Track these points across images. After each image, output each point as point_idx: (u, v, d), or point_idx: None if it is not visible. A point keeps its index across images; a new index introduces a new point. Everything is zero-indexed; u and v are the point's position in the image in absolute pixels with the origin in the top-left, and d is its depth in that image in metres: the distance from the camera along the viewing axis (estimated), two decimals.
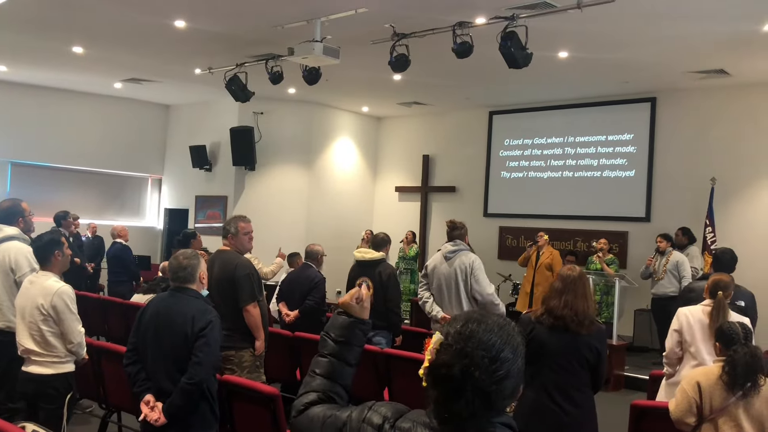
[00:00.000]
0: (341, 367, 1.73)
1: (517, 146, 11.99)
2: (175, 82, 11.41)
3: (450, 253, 5.48)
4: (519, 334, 1.43)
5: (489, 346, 1.35)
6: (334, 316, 1.82)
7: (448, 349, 1.35)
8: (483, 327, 1.38)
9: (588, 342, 3.52)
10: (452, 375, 1.33)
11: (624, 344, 8.38)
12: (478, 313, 1.44)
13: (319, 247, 6.82)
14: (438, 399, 1.37)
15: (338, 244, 11.20)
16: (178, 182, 13.70)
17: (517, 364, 1.38)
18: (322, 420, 1.58)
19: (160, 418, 3.26)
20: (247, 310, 4.56)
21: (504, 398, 1.35)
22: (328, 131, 12.95)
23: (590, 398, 3.62)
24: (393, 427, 1.43)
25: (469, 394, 1.31)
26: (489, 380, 1.32)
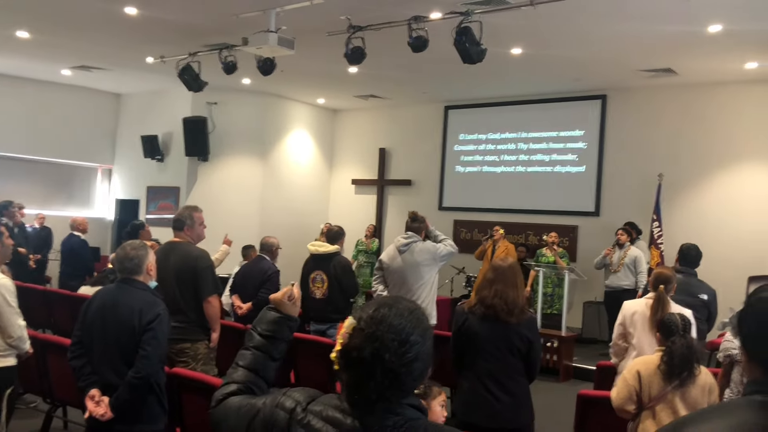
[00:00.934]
0: (265, 360, 1.76)
1: (471, 141, 12.11)
2: (126, 71, 11.16)
3: (403, 245, 5.52)
4: (428, 320, 1.48)
5: (399, 329, 1.39)
6: (264, 312, 1.85)
7: (359, 333, 1.40)
8: (394, 311, 1.42)
9: (518, 331, 3.59)
10: (363, 358, 1.37)
11: (573, 336, 8.56)
12: (390, 299, 1.48)
13: (274, 240, 6.78)
14: (349, 382, 1.41)
15: (293, 237, 11.16)
16: (130, 172, 13.42)
17: (425, 347, 1.42)
18: (237, 409, 1.60)
19: (106, 413, 3.20)
20: (209, 301, 4.54)
21: (413, 379, 1.40)
22: (284, 123, 12.85)
23: (524, 386, 3.68)
24: (305, 410, 1.46)
25: (378, 375, 1.36)
26: (398, 362, 1.36)
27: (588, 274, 9.30)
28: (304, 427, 1.44)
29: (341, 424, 1.40)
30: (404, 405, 1.42)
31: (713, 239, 9.48)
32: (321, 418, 1.43)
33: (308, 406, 1.47)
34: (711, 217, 9.62)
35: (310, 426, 1.43)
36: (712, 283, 5.60)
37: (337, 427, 1.41)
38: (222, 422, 1.63)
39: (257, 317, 1.86)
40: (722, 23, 7.08)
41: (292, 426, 1.46)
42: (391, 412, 1.39)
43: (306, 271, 6.09)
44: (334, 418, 1.42)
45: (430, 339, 1.44)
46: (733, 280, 7.85)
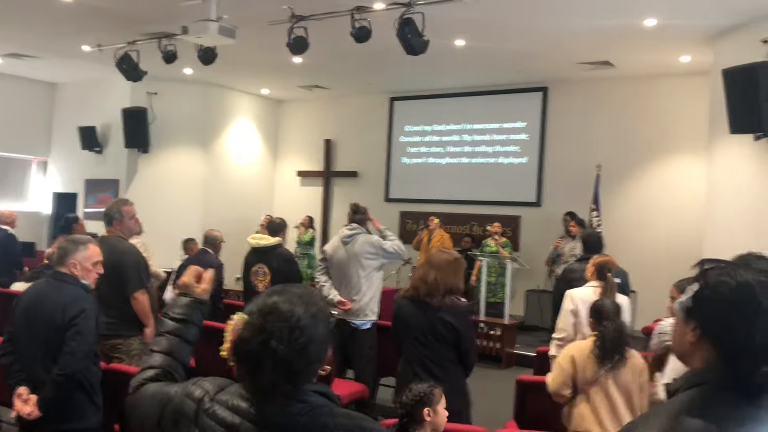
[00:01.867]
0: (180, 344, 1.76)
1: (417, 132, 12.18)
2: (62, 59, 10.80)
3: (347, 237, 5.51)
4: (321, 301, 1.50)
5: (288, 316, 1.39)
6: (176, 298, 1.85)
7: (248, 327, 1.41)
8: (282, 298, 1.43)
9: (441, 316, 3.59)
10: (251, 350, 1.38)
11: (515, 323, 8.73)
12: (280, 286, 1.49)
13: (218, 233, 6.70)
14: (243, 375, 1.42)
15: (238, 229, 10.99)
16: (67, 165, 13.00)
17: (318, 329, 1.42)
18: (152, 396, 1.60)
19: (32, 411, 3.11)
20: (135, 297, 4.43)
21: (308, 363, 1.40)
22: (227, 113, 12.66)
23: (453, 374, 3.66)
24: (212, 400, 1.47)
25: (269, 364, 1.36)
26: (289, 349, 1.37)
27: (530, 263, 9.49)
28: (210, 416, 1.44)
29: (245, 413, 1.41)
30: (309, 392, 1.42)
31: (650, 227, 9.84)
32: (227, 408, 1.43)
33: (216, 396, 1.47)
34: (648, 205, 9.94)
35: (216, 415, 1.43)
36: (645, 268, 5.78)
37: (241, 416, 1.41)
38: (137, 409, 1.62)
39: (168, 305, 1.86)
40: (657, 17, 7.29)
41: (199, 415, 1.46)
42: (295, 399, 1.40)
43: (248, 265, 6.01)
44: (238, 407, 1.42)
45: (323, 321, 1.44)
46: (670, 265, 8.12)
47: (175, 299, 1.84)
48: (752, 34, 7.07)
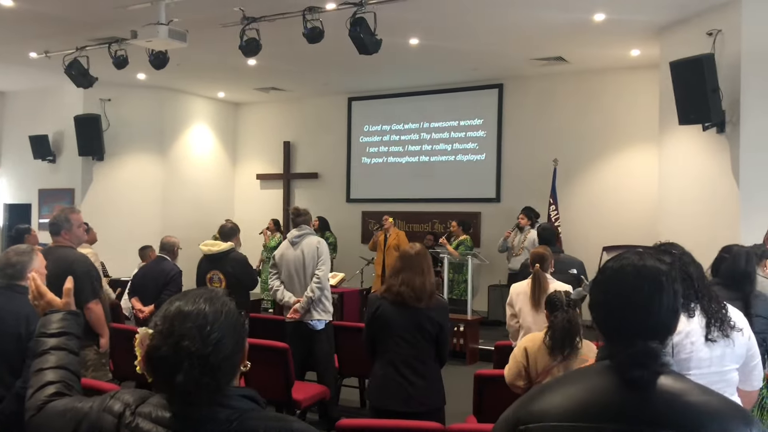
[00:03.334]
0: (68, 356, 1.73)
1: (376, 132, 12.19)
2: (9, 66, 10.52)
3: (296, 238, 5.52)
4: (224, 297, 1.47)
5: (195, 315, 1.37)
6: (44, 318, 1.83)
7: (156, 335, 1.37)
8: (184, 301, 1.41)
9: (428, 315, 3.67)
10: (163, 355, 1.34)
11: (479, 319, 8.79)
12: (181, 293, 1.46)
13: (175, 239, 6.60)
14: (161, 383, 1.37)
15: (198, 235, 10.80)
16: (18, 175, 12.68)
17: (229, 321, 1.40)
18: (62, 414, 1.53)
19: None
20: (88, 308, 4.34)
21: (226, 358, 1.36)
22: (183, 118, 12.49)
23: (435, 370, 3.78)
24: (134, 413, 1.40)
25: (186, 364, 1.32)
26: (203, 344, 1.33)
27: (491, 259, 9.56)
28: (133, 430, 1.38)
29: (170, 424, 1.36)
30: (235, 396, 1.39)
31: (606, 218, 10.00)
32: (150, 420, 1.38)
33: (137, 409, 1.41)
34: (604, 197, 10.11)
35: (139, 428, 1.37)
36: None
37: (166, 426, 1.36)
38: (44, 428, 1.55)
39: (39, 325, 1.83)
40: (605, 12, 7.41)
41: (121, 430, 1.40)
42: (220, 405, 1.36)
43: (201, 272, 5.93)
44: (163, 418, 1.37)
45: (232, 315, 1.41)
46: None
47: (44, 319, 1.81)
48: (697, 26, 7.24)
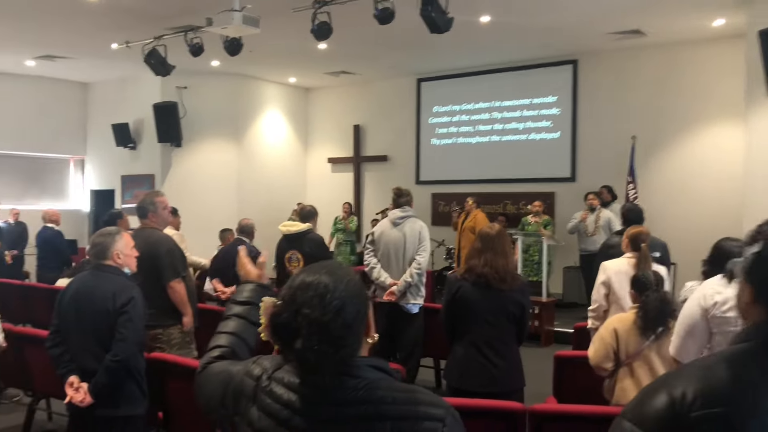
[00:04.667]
0: (246, 325, 1.78)
1: (445, 113, 12.09)
2: (92, 59, 10.96)
3: (399, 219, 5.52)
4: (348, 268, 1.48)
5: (315, 285, 1.38)
6: (241, 285, 1.89)
7: (280, 304, 1.41)
8: (307, 272, 1.42)
9: (512, 297, 3.62)
10: (285, 322, 1.37)
11: (553, 301, 8.65)
12: (306, 266, 1.48)
13: (251, 222, 6.78)
14: (285, 350, 1.40)
15: (271, 218, 11.07)
16: (103, 162, 13.24)
17: (351, 290, 1.40)
18: (217, 375, 1.61)
19: (85, 398, 3.19)
20: (171, 286, 4.48)
21: (348, 327, 1.36)
22: (256, 104, 12.72)
23: (516, 351, 3.74)
24: (270, 377, 1.46)
25: (304, 331, 1.34)
26: (322, 312, 1.34)
27: (565, 239, 9.38)
28: (268, 394, 1.43)
29: (299, 390, 1.39)
30: (363, 366, 1.39)
31: (688, 197, 9.63)
32: (282, 384, 1.42)
33: (273, 374, 1.46)
34: (686, 175, 9.73)
35: (273, 393, 1.42)
36: (685, 239, 5.67)
37: (295, 392, 1.39)
38: (203, 387, 1.65)
39: (236, 290, 1.89)
40: None
41: (257, 394, 1.46)
42: (347, 374, 1.37)
43: (280, 252, 6.06)
44: (293, 383, 1.41)
45: (354, 283, 1.42)
46: (709, 236, 7.95)
47: (239, 287, 1.88)
48: None
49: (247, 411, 1.46)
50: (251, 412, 1.45)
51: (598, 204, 8.83)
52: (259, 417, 1.43)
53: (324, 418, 1.35)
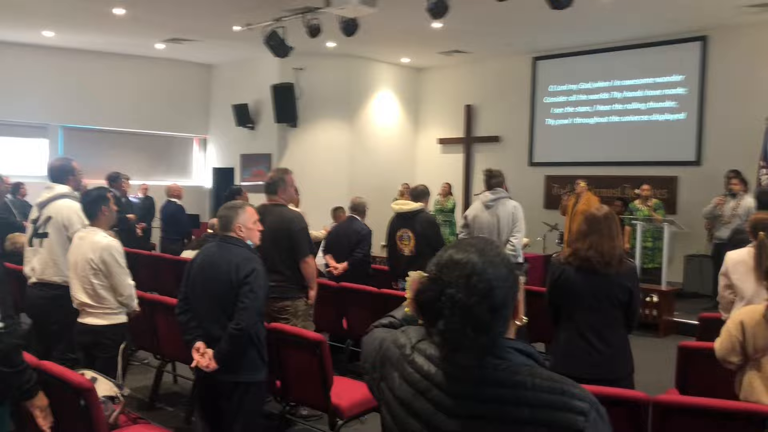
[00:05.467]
0: None
1: (562, 92, 11.72)
2: (215, 41, 11.46)
3: (491, 201, 5.46)
4: (499, 247, 1.43)
5: (463, 264, 1.34)
6: None
7: (427, 279, 1.38)
8: (456, 249, 1.38)
9: (618, 281, 3.47)
10: (428, 299, 1.35)
11: (673, 290, 8.24)
12: (455, 241, 1.46)
13: (364, 200, 6.88)
14: (428, 327, 1.40)
15: (380, 197, 11.22)
16: (223, 141, 13.87)
17: (500, 272, 1.34)
18: (373, 340, 1.67)
19: (210, 363, 3.36)
20: (306, 261, 4.66)
21: (494, 310, 1.32)
22: (369, 84, 12.86)
23: (623, 337, 3.58)
24: (413, 347, 1.47)
25: (447, 312, 1.31)
26: (467, 294, 1.30)
27: (690, 227, 8.88)
28: (410, 363, 1.44)
29: (439, 364, 1.39)
30: (508, 348, 1.36)
31: None
32: (424, 356, 1.42)
33: (416, 344, 1.47)
34: None
35: (415, 363, 1.43)
36: None
37: (435, 365, 1.39)
38: (364, 348, 1.71)
39: None
40: None
41: (401, 362, 1.48)
42: (492, 354, 1.34)
43: (392, 230, 6.13)
44: (434, 356, 1.40)
45: (504, 264, 1.37)
46: None
47: None
48: None
49: (391, 378, 1.49)
50: (394, 380, 1.47)
51: (740, 189, 8.21)
52: (400, 384, 1.45)
53: (462, 395, 1.34)
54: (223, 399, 3.47)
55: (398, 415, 1.45)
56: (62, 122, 12.44)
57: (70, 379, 2.99)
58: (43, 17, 10.02)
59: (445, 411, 1.35)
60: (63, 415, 3.03)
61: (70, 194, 4.59)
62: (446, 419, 1.35)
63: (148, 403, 5.14)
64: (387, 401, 1.50)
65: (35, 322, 4.73)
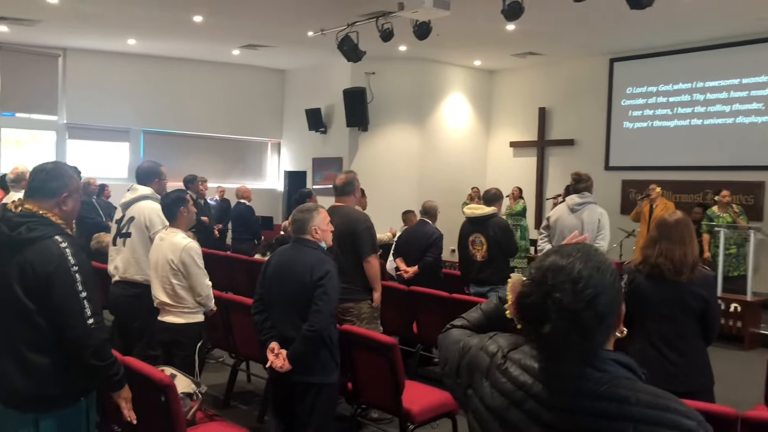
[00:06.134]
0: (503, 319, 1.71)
1: (640, 94, 11.35)
2: (290, 47, 11.67)
3: (577, 205, 5.33)
4: (603, 255, 1.39)
5: (569, 269, 1.31)
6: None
7: (529, 282, 1.35)
8: (559, 255, 1.36)
9: (690, 289, 3.30)
10: (534, 302, 1.32)
11: (760, 300, 7.84)
12: (556, 247, 1.42)
13: (435, 204, 6.84)
14: (530, 332, 1.36)
15: (450, 201, 11.16)
16: (296, 145, 14.11)
17: (605, 279, 1.31)
18: (456, 342, 1.63)
19: (284, 364, 3.40)
20: (368, 261, 4.67)
21: (600, 318, 1.29)
22: (440, 88, 12.81)
23: (699, 348, 3.40)
24: (505, 356, 1.43)
25: (554, 316, 1.28)
26: (574, 299, 1.27)
27: None
28: (503, 373, 1.41)
29: (537, 374, 1.35)
30: (608, 360, 1.32)
31: None
32: (519, 366, 1.39)
33: (508, 353, 1.44)
34: None
35: (508, 373, 1.40)
36: None
37: (532, 376, 1.36)
38: (442, 349, 1.70)
39: None
40: None
41: (491, 370, 1.44)
42: (591, 366, 1.31)
43: (464, 235, 6.06)
44: (531, 367, 1.37)
45: (609, 272, 1.33)
46: None
47: None
48: None
49: (480, 386, 1.46)
50: (484, 388, 1.45)
51: None
52: (491, 394, 1.42)
53: (562, 408, 1.30)
54: (296, 400, 3.50)
55: (489, 425, 1.42)
56: (143, 126, 12.93)
57: (151, 375, 3.08)
58: (127, 26, 10.46)
59: (543, 424, 1.31)
60: (144, 409, 3.12)
61: (152, 196, 4.74)
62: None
63: (223, 401, 5.25)
64: (476, 410, 1.47)
65: (117, 320, 4.91)
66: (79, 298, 2.51)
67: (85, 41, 11.66)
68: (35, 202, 2.60)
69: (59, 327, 2.52)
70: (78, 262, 2.54)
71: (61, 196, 2.64)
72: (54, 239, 2.53)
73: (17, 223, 2.52)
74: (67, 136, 12.38)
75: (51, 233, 2.54)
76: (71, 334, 2.52)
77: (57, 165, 2.73)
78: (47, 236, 2.53)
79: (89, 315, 2.53)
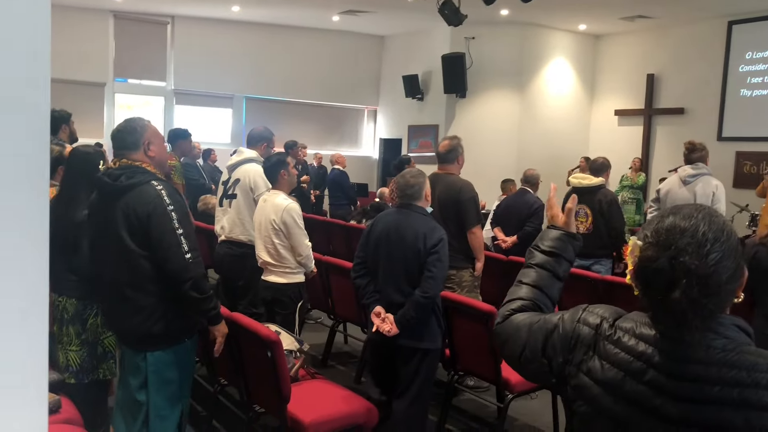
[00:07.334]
0: (550, 279, 1.64)
1: (761, 60, 10.56)
2: (389, 12, 11.57)
3: (690, 176, 5.05)
4: (723, 218, 1.30)
5: (692, 231, 1.23)
6: (545, 230, 1.74)
7: (650, 246, 1.26)
8: (680, 216, 1.27)
9: None
10: (660, 268, 1.23)
11: None
12: (671, 208, 1.32)
13: (537, 172, 6.66)
14: (653, 298, 1.26)
15: (550, 170, 10.82)
16: (392, 112, 14.07)
17: (730, 242, 1.24)
18: (529, 325, 1.52)
19: (392, 328, 3.41)
20: (472, 232, 4.61)
21: (724, 282, 1.22)
22: (542, 53, 12.39)
23: None
24: (612, 326, 1.36)
25: (684, 282, 1.20)
26: (702, 263, 1.20)
27: None
28: (614, 343, 1.33)
29: (656, 343, 1.28)
30: (729, 325, 1.25)
31: None
32: (633, 336, 1.31)
33: (616, 322, 1.37)
34: None
35: (621, 343, 1.33)
36: None
37: (651, 345, 1.28)
38: (511, 337, 1.56)
39: (538, 236, 1.76)
40: None
41: (599, 341, 1.37)
42: (714, 332, 1.24)
43: None
44: (647, 335, 1.29)
45: (731, 235, 1.25)
46: None
47: (543, 232, 1.74)
48: None
49: (587, 360, 1.38)
50: (591, 361, 1.37)
51: None
52: (602, 366, 1.34)
53: (688, 377, 1.23)
54: (399, 363, 3.51)
55: (599, 399, 1.33)
56: (246, 93, 13.25)
57: (258, 331, 3.16)
58: None
59: (668, 394, 1.24)
60: (251, 364, 3.21)
61: (257, 159, 4.84)
62: (668, 403, 1.23)
63: (321, 360, 5.37)
64: (581, 385, 1.38)
65: (222, 278, 5.09)
66: (176, 234, 2.71)
67: (192, 8, 12.02)
68: (126, 158, 2.83)
69: (160, 263, 2.71)
70: (173, 202, 2.75)
71: (143, 144, 2.84)
72: (151, 183, 2.75)
73: (117, 175, 2.77)
74: (174, 102, 12.87)
75: (147, 179, 2.76)
76: (171, 267, 2.70)
77: (127, 121, 2.92)
78: (144, 181, 2.75)
79: (186, 250, 2.72)
